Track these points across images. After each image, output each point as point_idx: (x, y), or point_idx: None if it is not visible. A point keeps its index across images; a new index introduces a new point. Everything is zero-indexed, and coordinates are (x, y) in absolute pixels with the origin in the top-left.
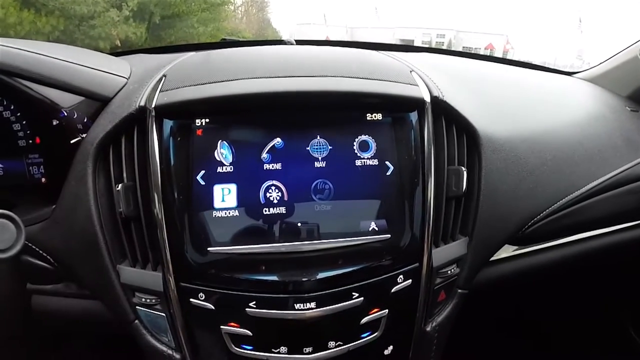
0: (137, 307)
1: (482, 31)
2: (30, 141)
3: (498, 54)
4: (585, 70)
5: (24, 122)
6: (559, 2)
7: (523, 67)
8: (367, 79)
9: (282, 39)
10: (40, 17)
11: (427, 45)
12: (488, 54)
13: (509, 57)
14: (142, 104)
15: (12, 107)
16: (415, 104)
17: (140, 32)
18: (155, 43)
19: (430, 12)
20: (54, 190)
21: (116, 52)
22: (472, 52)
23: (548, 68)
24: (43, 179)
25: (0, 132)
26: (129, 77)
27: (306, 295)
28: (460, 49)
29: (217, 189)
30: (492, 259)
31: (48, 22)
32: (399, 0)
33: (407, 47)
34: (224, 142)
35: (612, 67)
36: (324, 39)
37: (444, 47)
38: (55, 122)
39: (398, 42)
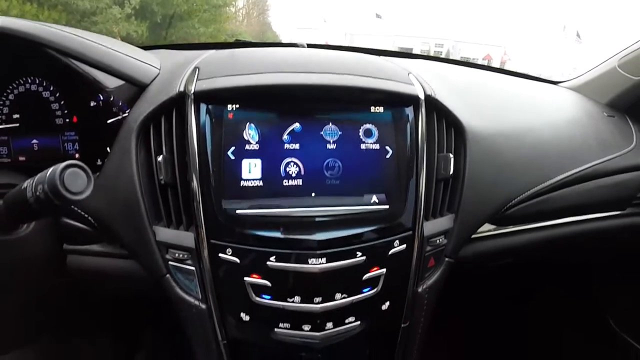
0: (169, 262)
1: (480, 42)
2: (67, 120)
3: (495, 64)
4: (570, 80)
5: (62, 102)
6: (557, 15)
7: (512, 75)
8: (371, 77)
9: (295, 42)
10: (43, 10)
11: (425, 54)
12: (486, 65)
13: (505, 67)
14: (182, 89)
15: (51, 88)
16: (411, 100)
17: (141, 30)
18: (155, 42)
19: (429, 20)
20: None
21: (142, 47)
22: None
23: (535, 77)
24: (77, 155)
25: (39, 111)
26: (160, 68)
27: (318, 252)
28: (458, 59)
29: (245, 163)
30: (475, 235)
31: (50, 16)
32: (399, 8)
33: (405, 54)
34: (251, 124)
35: (593, 76)
36: (323, 43)
37: (442, 57)
38: (92, 104)
39: (397, 50)
